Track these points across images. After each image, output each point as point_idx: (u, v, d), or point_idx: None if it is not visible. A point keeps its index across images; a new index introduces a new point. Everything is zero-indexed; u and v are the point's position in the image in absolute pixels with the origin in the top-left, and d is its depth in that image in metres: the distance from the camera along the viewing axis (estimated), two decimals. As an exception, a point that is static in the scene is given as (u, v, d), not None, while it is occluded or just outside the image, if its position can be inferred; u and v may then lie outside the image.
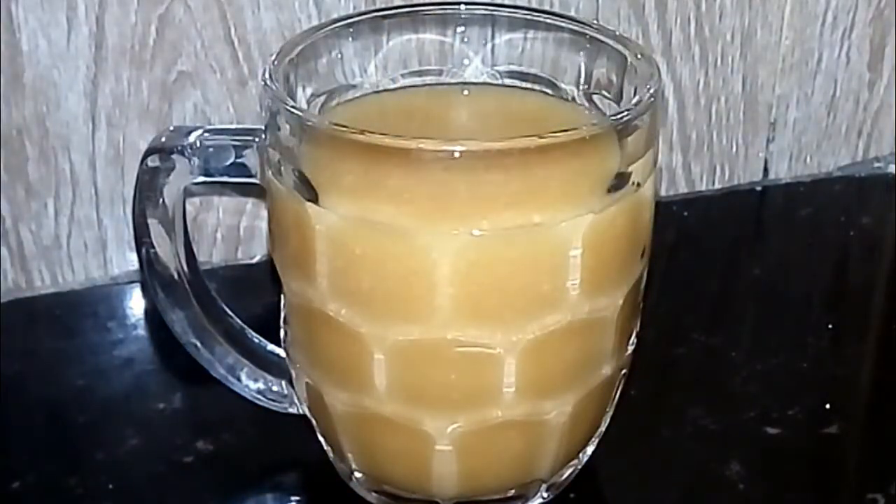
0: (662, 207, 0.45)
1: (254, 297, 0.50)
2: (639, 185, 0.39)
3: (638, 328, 0.43)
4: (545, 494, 0.43)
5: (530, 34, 0.44)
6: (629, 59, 0.41)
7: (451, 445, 0.40)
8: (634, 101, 0.38)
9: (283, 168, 0.38)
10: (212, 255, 0.55)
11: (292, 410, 0.44)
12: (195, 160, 0.40)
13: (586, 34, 0.43)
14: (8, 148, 0.51)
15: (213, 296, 0.43)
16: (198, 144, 0.40)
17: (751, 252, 0.59)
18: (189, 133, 0.40)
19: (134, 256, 0.50)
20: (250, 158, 0.40)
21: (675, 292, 0.55)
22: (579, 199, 0.37)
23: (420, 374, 0.39)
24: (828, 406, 0.48)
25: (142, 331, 0.52)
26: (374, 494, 0.43)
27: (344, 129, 0.36)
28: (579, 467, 0.44)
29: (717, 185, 0.62)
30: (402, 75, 0.45)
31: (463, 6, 0.44)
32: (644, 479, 0.45)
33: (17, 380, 0.49)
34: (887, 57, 0.62)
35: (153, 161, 0.40)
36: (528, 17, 0.44)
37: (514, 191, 0.36)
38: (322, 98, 0.43)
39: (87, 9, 0.49)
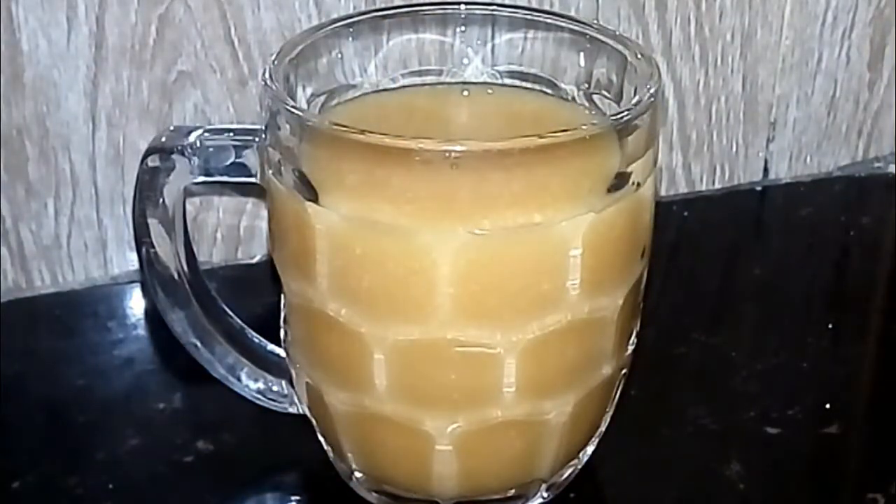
0: (662, 207, 0.45)
1: (254, 297, 0.50)
2: (639, 184, 0.39)
3: (638, 328, 0.43)
4: (545, 494, 0.43)
5: (530, 34, 0.44)
6: (629, 59, 0.41)
7: (451, 445, 0.40)
8: (634, 101, 0.38)
9: (283, 168, 0.38)
10: (212, 255, 0.55)
11: (292, 410, 0.44)
12: (195, 160, 0.40)
13: (586, 34, 0.43)
14: (8, 148, 0.51)
15: (213, 296, 0.43)
16: (198, 144, 0.40)
17: (751, 252, 0.59)
18: (189, 133, 0.40)
19: (134, 256, 0.50)
20: (250, 158, 0.40)
21: (675, 292, 0.55)
22: (579, 199, 0.37)
23: (420, 374, 0.39)
24: (828, 406, 0.48)
25: (142, 331, 0.52)
26: (374, 494, 0.43)
27: (344, 129, 0.36)
28: (579, 467, 0.43)
29: (717, 185, 0.62)
30: (402, 75, 0.45)
31: (463, 6, 0.44)
32: (644, 479, 0.45)
33: (17, 380, 0.49)
34: (887, 57, 0.62)
35: (153, 161, 0.40)
36: (528, 17, 0.44)
37: (514, 191, 0.36)
38: (322, 98, 0.43)
39: (87, 9, 0.49)
